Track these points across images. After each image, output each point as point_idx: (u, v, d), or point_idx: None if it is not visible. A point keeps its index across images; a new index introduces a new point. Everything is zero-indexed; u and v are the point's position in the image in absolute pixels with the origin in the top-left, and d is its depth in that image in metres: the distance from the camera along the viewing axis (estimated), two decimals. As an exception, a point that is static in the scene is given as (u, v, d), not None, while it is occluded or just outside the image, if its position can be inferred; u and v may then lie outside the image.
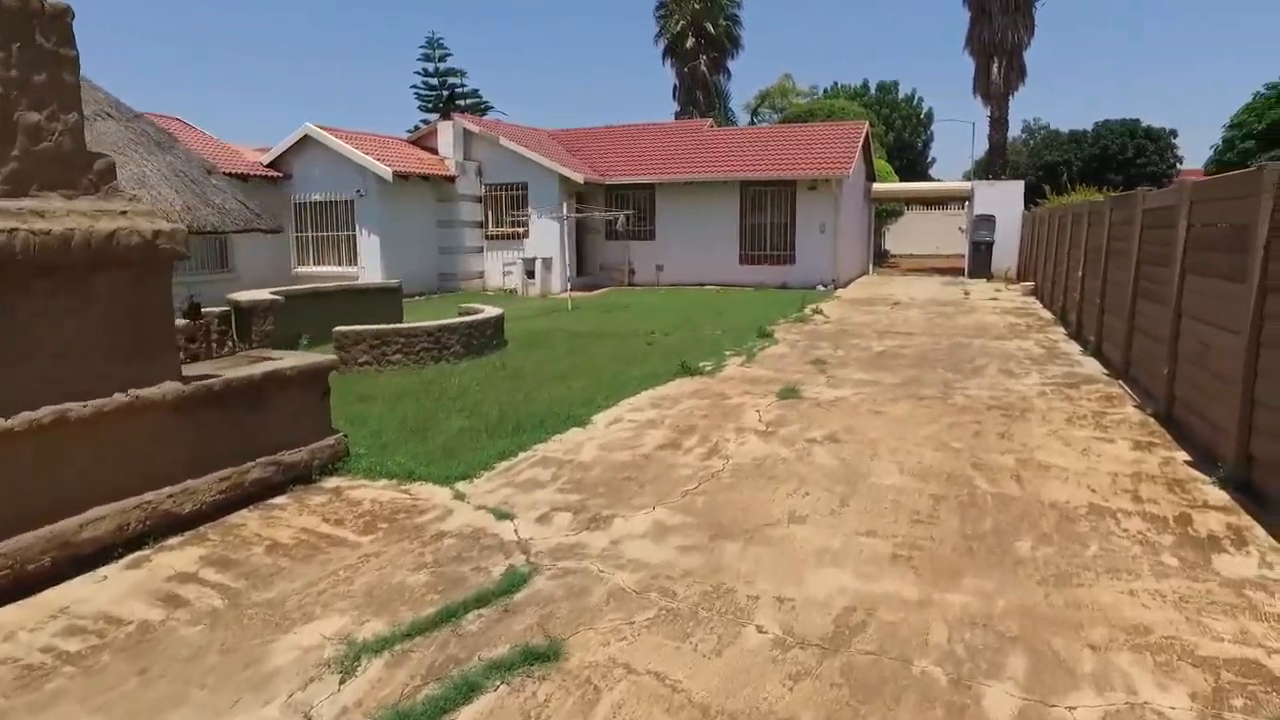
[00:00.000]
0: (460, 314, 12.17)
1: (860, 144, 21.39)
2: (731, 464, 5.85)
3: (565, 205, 17.64)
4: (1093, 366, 9.37)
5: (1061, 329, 12.53)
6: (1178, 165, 41.13)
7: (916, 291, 19.42)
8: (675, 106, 40.52)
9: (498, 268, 21.92)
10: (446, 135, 21.32)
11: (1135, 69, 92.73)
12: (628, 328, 13.27)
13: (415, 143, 22.12)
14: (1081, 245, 11.36)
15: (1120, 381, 8.24)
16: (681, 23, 38.99)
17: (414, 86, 34.82)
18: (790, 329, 12.97)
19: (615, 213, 19.84)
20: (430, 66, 33.43)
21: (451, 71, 33.79)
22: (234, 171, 18.73)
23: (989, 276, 22.80)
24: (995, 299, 17.31)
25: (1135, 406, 7.25)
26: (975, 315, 14.41)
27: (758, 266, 21.25)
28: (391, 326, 10.06)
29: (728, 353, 10.73)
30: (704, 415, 7.29)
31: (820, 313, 14.85)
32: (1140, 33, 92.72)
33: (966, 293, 18.73)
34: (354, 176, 19.26)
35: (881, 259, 31.93)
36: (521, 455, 6.21)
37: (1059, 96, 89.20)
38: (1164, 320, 6.74)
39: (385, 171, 18.67)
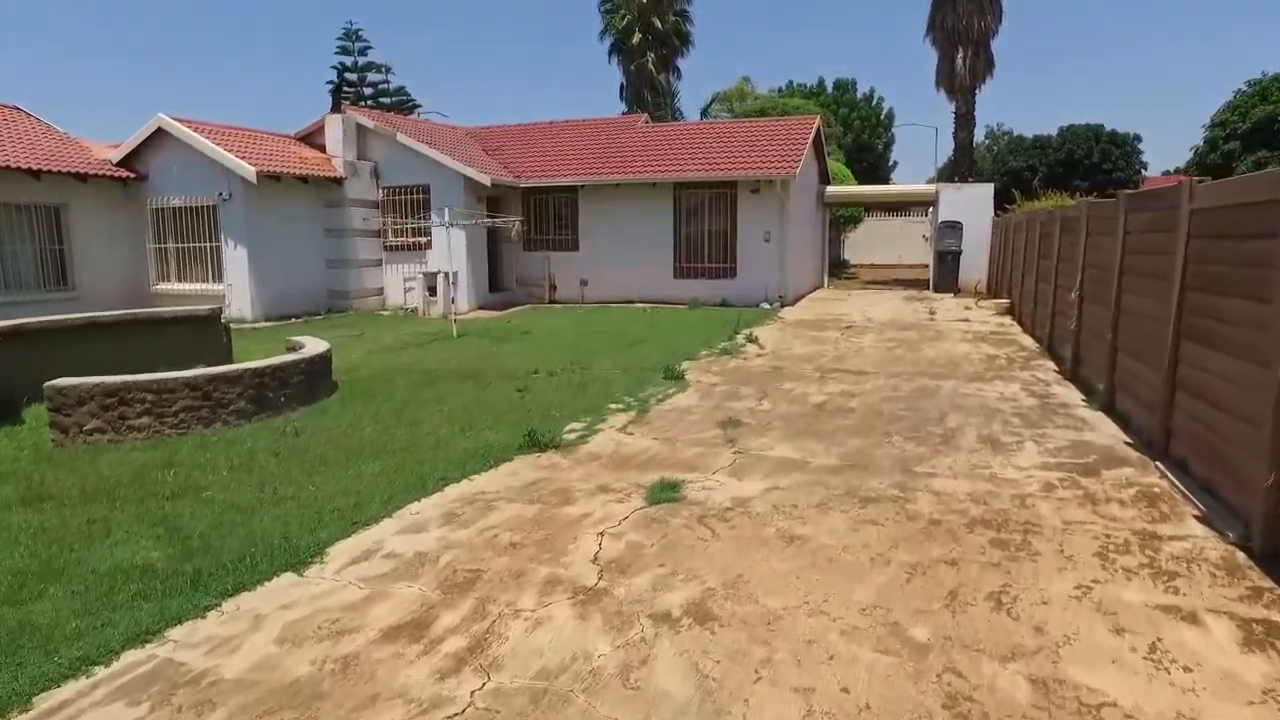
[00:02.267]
0: (288, 349, 9.31)
1: (810, 141, 18.80)
2: (492, 688, 3.05)
3: (448, 211, 14.79)
4: (1107, 429, 6.72)
5: (1050, 364, 9.93)
6: (1143, 171, 39.53)
7: (875, 310, 16.81)
8: (623, 107, 37.85)
9: (399, 283, 18.99)
10: (335, 131, 18.34)
11: (1095, 73, 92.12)
12: (509, 365, 10.46)
13: (304, 140, 19.12)
14: (1077, 260, 8.77)
15: (1159, 464, 5.57)
16: (628, 18, 36.36)
17: (330, 83, 31.78)
18: (711, 365, 10.22)
19: (507, 219, 16.89)
20: (349, 61, 30.41)
21: (373, 66, 30.76)
22: (70, 170, 15.62)
23: (956, 290, 20.34)
24: (966, 320, 14.74)
25: (1199, 520, 4.57)
26: (943, 344, 11.78)
27: (694, 281, 18.53)
28: (137, 378, 7.14)
29: (615, 406, 7.95)
30: (511, 545, 4.49)
31: (755, 340, 12.13)
32: (1100, 37, 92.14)
33: (932, 312, 16.16)
34: (217, 177, 16.22)
35: (841, 268, 29.47)
36: (126, 659, 3.37)
37: (1020, 100, 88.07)
38: (1250, 386, 4.09)
39: (248, 171, 15.65)
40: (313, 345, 9.11)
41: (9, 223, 15.22)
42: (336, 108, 18.47)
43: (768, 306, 17.40)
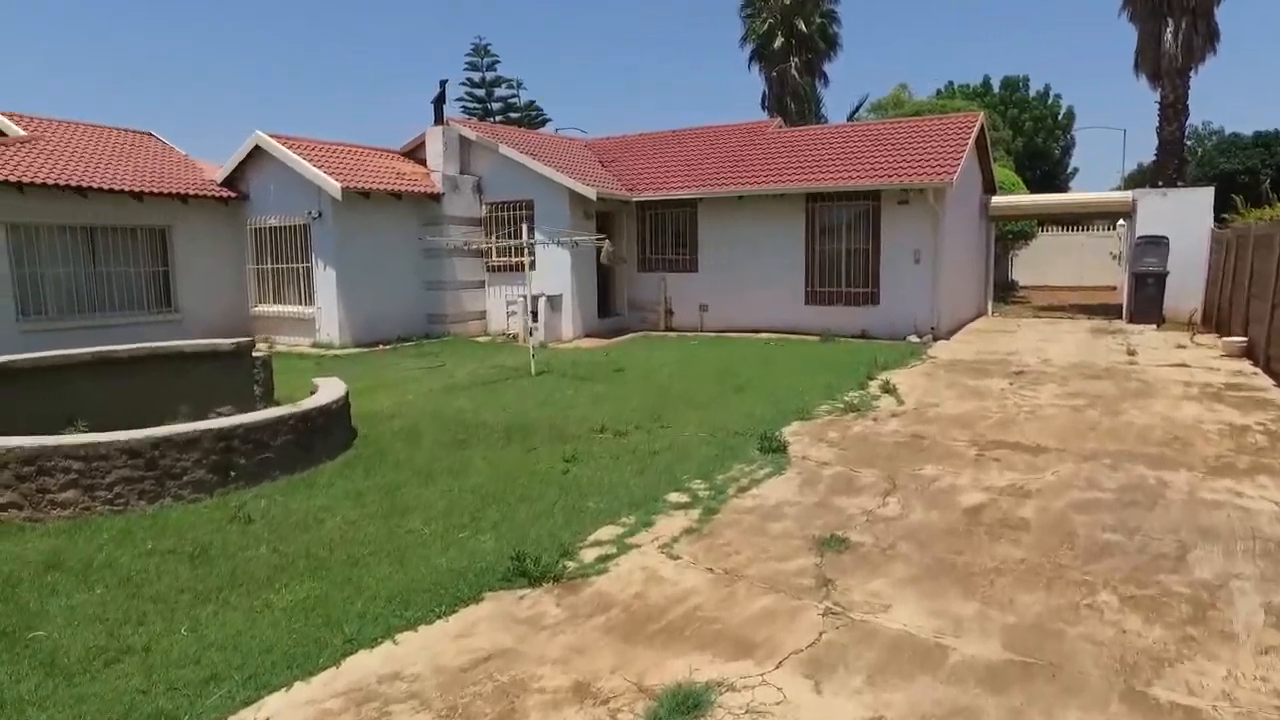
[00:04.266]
0: (311, 392, 7.74)
1: (971, 142, 15.75)
2: None
3: (527, 229, 13.07)
4: None
5: (1337, 444, 6.74)
6: None
7: (1054, 347, 13.53)
8: (764, 117, 35.47)
9: (502, 307, 17.56)
10: (435, 144, 17.19)
11: (1324, 68, 79.40)
12: (574, 418, 8.46)
13: (408, 155, 18.15)
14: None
15: None
16: (769, 21, 33.97)
17: (460, 99, 31.51)
18: (827, 429, 7.75)
19: (597, 237, 14.75)
20: (477, 76, 29.90)
21: (501, 80, 30.13)
22: (171, 191, 15.20)
23: (1160, 321, 16.49)
24: (1182, 365, 11.29)
25: None
26: (1156, 403, 8.68)
27: (829, 308, 15.89)
28: (61, 441, 5.68)
29: (676, 497, 5.72)
30: None
31: (892, 391, 9.48)
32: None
33: (1132, 351, 12.69)
34: (308, 195, 15.37)
35: (1008, 291, 25.59)
36: None
37: (1234, 89, 77.17)
38: None
39: (333, 187, 14.64)
40: (324, 392, 7.47)
41: (117, 244, 14.95)
42: (439, 120, 17.33)
43: (916, 340, 14.52)
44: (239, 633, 3.83)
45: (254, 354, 9.16)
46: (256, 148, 15.92)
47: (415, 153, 17.98)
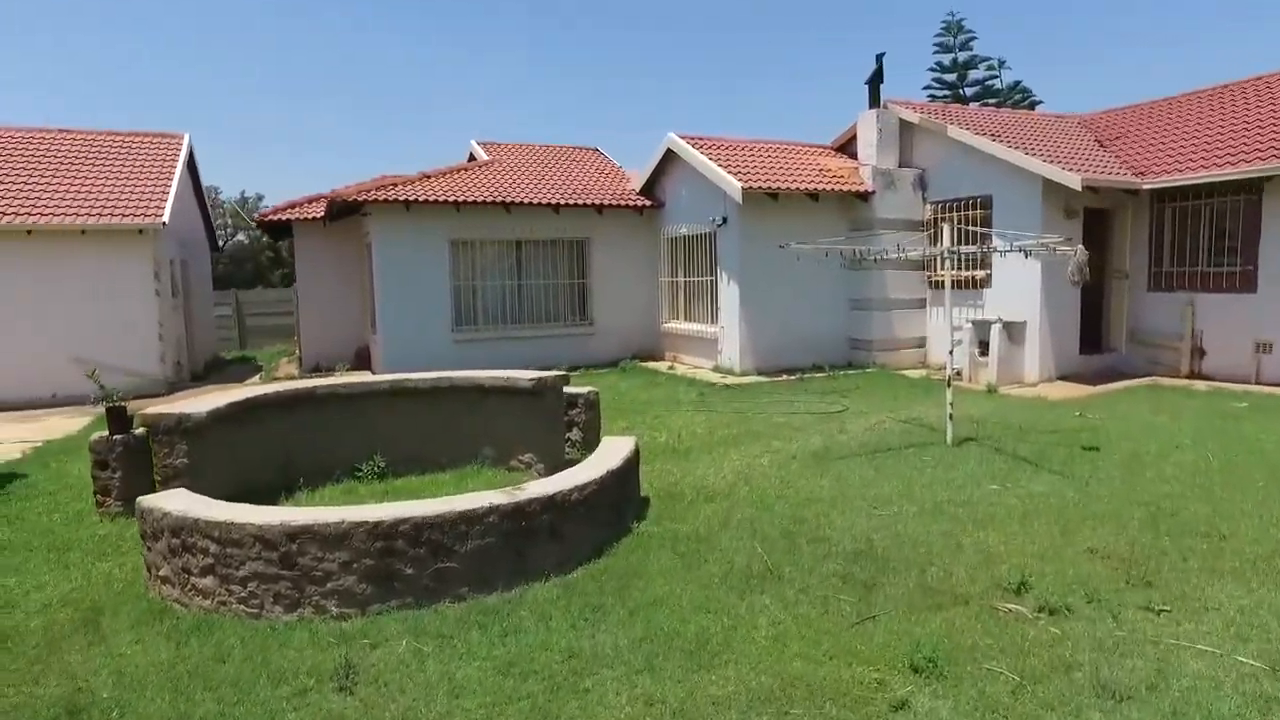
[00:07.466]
0: (610, 453, 5.67)
1: None
2: None
3: (948, 232, 9.19)
4: None
5: None
6: None
7: None
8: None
9: (945, 333, 13.81)
10: (867, 131, 14.16)
11: None
12: (985, 545, 5.03)
13: (840, 149, 15.45)
14: None
15: None
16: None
17: (926, 87, 27.13)
18: None
19: (1043, 242, 9.34)
20: (947, 58, 25.42)
21: (977, 60, 25.14)
22: (585, 203, 14.84)
23: None
24: None
25: None
26: None
27: None
28: (201, 516, 4.33)
29: None
30: None
31: None
32: None
33: None
34: (715, 200, 13.68)
35: None
36: None
37: None
38: None
39: (733, 188, 12.63)
40: (574, 472, 5.19)
41: (539, 257, 15.14)
42: (875, 102, 14.26)
43: None
44: None
45: (566, 390, 7.40)
46: (670, 152, 14.78)
47: (847, 146, 15.22)
